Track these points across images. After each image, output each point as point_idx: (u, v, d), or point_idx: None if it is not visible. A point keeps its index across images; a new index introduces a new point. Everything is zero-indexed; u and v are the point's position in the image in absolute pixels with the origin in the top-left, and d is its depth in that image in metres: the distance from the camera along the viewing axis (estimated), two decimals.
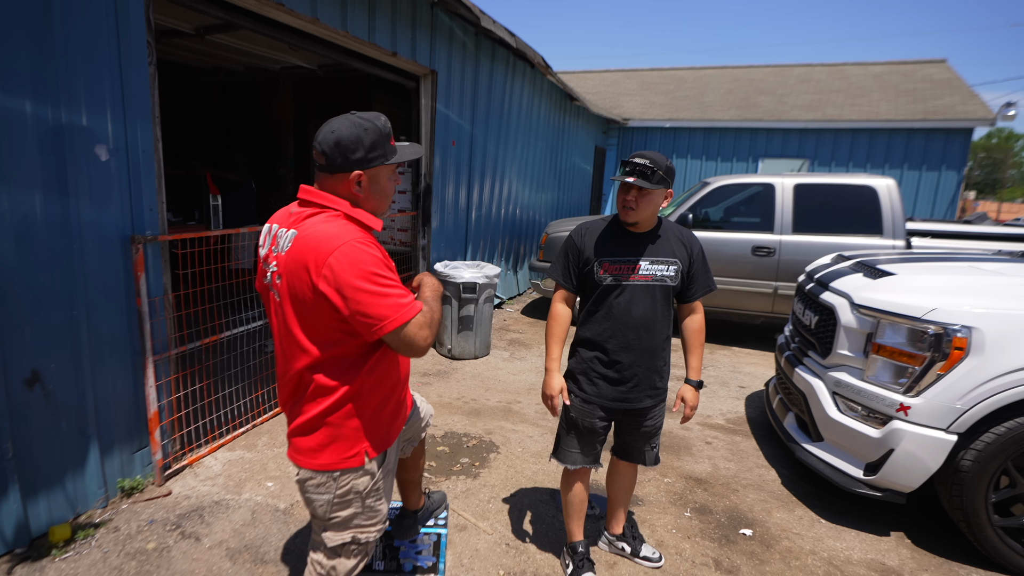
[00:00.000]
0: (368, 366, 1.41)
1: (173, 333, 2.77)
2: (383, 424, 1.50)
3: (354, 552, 1.54)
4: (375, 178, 1.40)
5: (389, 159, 1.40)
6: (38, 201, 2.12)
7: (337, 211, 1.36)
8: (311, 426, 1.42)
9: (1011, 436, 2.26)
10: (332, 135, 1.33)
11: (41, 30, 2.07)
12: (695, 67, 16.08)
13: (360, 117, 1.36)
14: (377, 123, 1.37)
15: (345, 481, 1.45)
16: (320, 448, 1.42)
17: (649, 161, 1.86)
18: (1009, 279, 2.64)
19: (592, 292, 2.03)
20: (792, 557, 2.42)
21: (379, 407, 1.48)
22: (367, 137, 1.34)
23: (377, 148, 1.36)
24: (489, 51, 5.93)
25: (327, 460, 1.43)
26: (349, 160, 1.34)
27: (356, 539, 1.52)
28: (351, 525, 1.51)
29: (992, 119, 9.75)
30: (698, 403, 2.14)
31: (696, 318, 2.10)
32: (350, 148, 1.33)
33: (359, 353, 1.39)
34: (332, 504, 1.46)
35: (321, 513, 1.48)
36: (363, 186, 1.38)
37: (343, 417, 1.41)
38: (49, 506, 2.30)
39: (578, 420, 2.09)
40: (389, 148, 1.40)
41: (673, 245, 2.01)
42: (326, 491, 1.45)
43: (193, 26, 4.92)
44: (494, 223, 6.81)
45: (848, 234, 5.18)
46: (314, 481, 1.45)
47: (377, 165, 1.38)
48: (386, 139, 1.39)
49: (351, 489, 1.46)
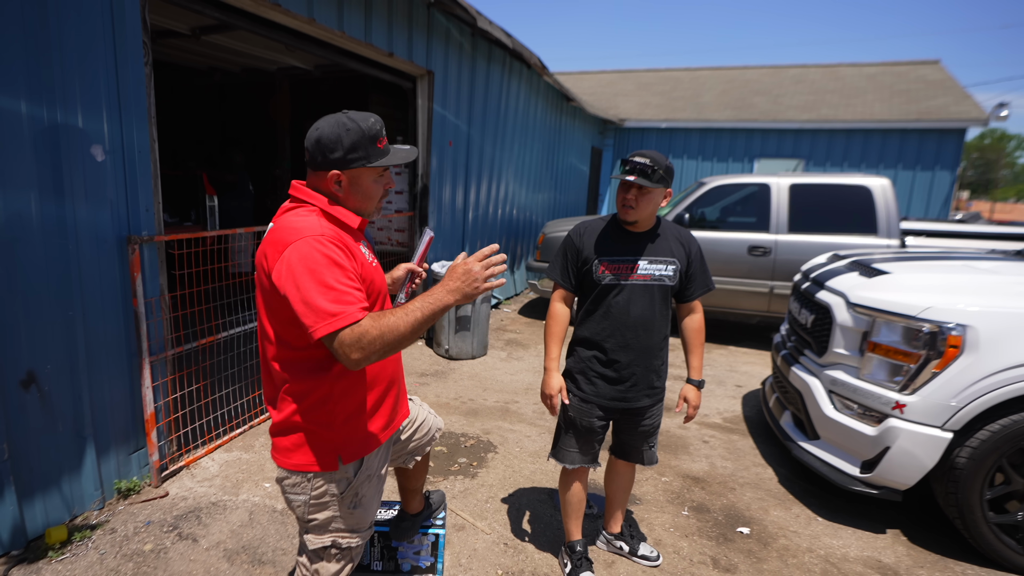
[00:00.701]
0: (336, 370, 1.37)
1: (170, 334, 2.77)
2: (361, 429, 1.46)
3: (336, 557, 1.52)
4: (356, 179, 1.37)
5: (372, 162, 1.36)
6: (33, 201, 2.11)
7: (314, 206, 1.36)
8: (285, 426, 1.41)
9: (1006, 433, 2.27)
10: (315, 132, 1.34)
11: (36, 30, 2.06)
12: (691, 68, 16.12)
13: (347, 117, 1.34)
14: (362, 124, 1.34)
15: (319, 483, 1.43)
16: (294, 448, 1.41)
17: (649, 160, 1.87)
18: (1003, 277, 2.66)
19: (591, 291, 2.04)
20: (789, 555, 2.43)
21: (354, 413, 1.44)
22: (348, 138, 1.32)
23: (358, 150, 1.33)
24: (486, 52, 5.94)
25: (300, 460, 1.41)
26: (328, 159, 1.33)
27: (336, 544, 1.49)
28: (330, 529, 1.48)
29: (985, 119, 9.81)
30: (700, 403, 2.14)
31: (695, 318, 2.11)
32: (328, 147, 1.32)
33: (324, 355, 1.35)
34: (308, 505, 1.45)
35: (300, 514, 1.47)
36: (343, 186, 1.37)
37: (315, 419, 1.39)
38: (45, 508, 2.29)
39: (576, 419, 2.09)
40: (373, 151, 1.36)
41: (671, 245, 2.01)
42: (302, 491, 1.44)
43: (189, 26, 4.91)
44: (491, 223, 6.81)
45: (843, 234, 5.21)
46: (289, 481, 1.44)
47: (357, 167, 1.35)
48: (370, 141, 1.35)
49: (326, 492, 1.44)
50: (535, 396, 4.16)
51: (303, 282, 1.21)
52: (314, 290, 1.20)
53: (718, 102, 12.72)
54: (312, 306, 1.20)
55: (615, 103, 13.41)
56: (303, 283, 1.21)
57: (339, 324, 1.19)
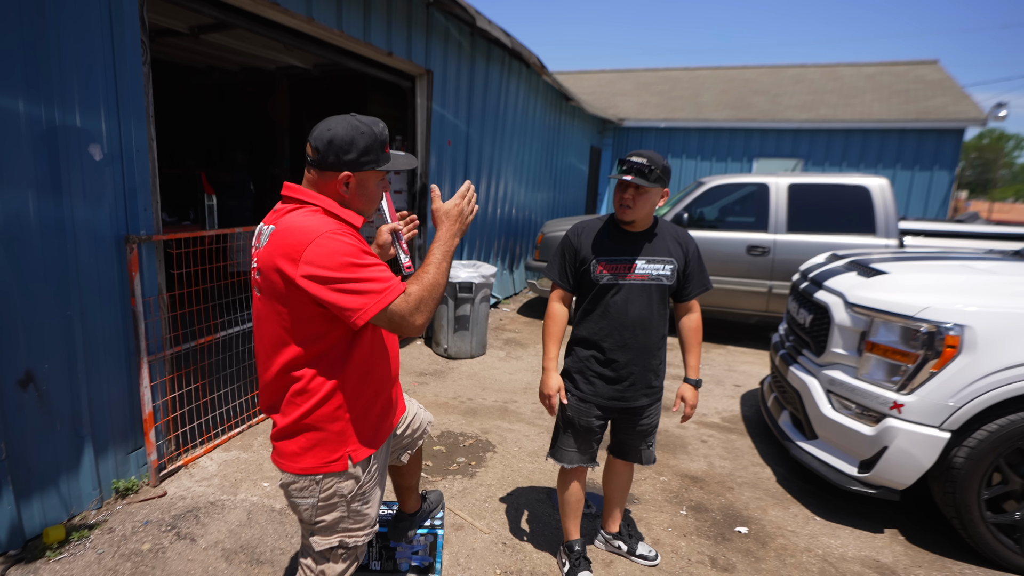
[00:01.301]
0: (351, 364, 1.39)
1: (168, 333, 2.76)
2: (369, 427, 1.48)
3: (342, 556, 1.53)
4: (363, 182, 1.40)
5: (381, 165, 1.40)
6: (31, 201, 2.11)
7: (317, 206, 1.36)
8: (293, 429, 1.40)
9: (1003, 433, 2.28)
10: (328, 132, 1.34)
11: (34, 29, 2.06)
12: (690, 67, 16.12)
13: (359, 120, 1.36)
14: (375, 128, 1.37)
15: (328, 485, 1.43)
16: (302, 452, 1.41)
17: (647, 160, 1.87)
18: (1001, 277, 2.67)
19: (589, 291, 2.04)
20: (787, 554, 2.44)
21: (365, 409, 1.46)
22: (362, 140, 1.34)
23: (370, 153, 1.36)
24: (485, 51, 5.93)
25: (309, 464, 1.41)
26: (341, 160, 1.34)
27: (344, 543, 1.50)
28: (338, 529, 1.49)
29: (983, 119, 9.82)
30: (698, 402, 2.15)
31: (693, 317, 2.12)
32: (343, 148, 1.33)
33: (341, 350, 1.37)
34: (316, 508, 1.45)
35: (306, 517, 1.47)
36: (350, 187, 1.38)
37: (325, 420, 1.39)
38: (43, 507, 2.28)
39: (575, 419, 2.10)
40: (382, 155, 1.40)
41: (669, 244, 2.01)
42: (310, 495, 1.44)
43: (188, 25, 4.90)
44: (490, 223, 6.81)
45: (842, 233, 5.21)
46: (297, 485, 1.43)
47: (368, 169, 1.38)
48: (380, 146, 1.38)
49: (335, 493, 1.44)
50: (534, 395, 4.16)
51: (337, 272, 1.25)
52: (353, 275, 1.26)
53: (717, 102, 12.72)
54: (355, 290, 1.26)
55: (614, 103, 13.41)
56: (338, 273, 1.25)
57: (389, 298, 1.28)
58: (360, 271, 1.27)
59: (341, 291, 1.25)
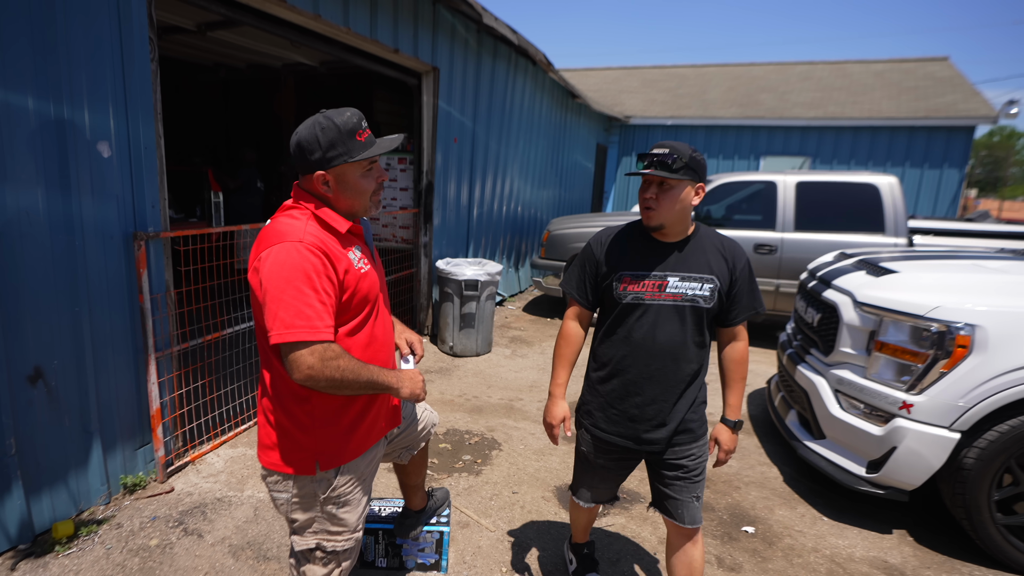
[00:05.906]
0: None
1: (175, 330, 2.77)
2: (338, 435, 1.42)
3: (321, 560, 1.50)
4: (341, 177, 1.37)
5: (353, 156, 1.34)
6: (40, 197, 2.12)
7: (305, 208, 1.37)
8: (265, 421, 1.43)
9: (1014, 434, 2.25)
10: (295, 137, 1.36)
11: (44, 26, 2.07)
12: (697, 64, 16.04)
13: (323, 116, 1.34)
14: (337, 120, 1.32)
15: (301, 484, 1.43)
16: (273, 446, 1.42)
17: (669, 149, 1.57)
18: (1012, 277, 2.64)
19: (611, 310, 1.74)
20: (794, 555, 2.43)
21: (333, 417, 1.41)
22: (324, 137, 1.32)
23: (336, 147, 1.32)
24: (491, 48, 5.92)
25: (277, 459, 1.41)
26: (309, 161, 1.34)
27: (321, 547, 1.48)
28: (315, 531, 1.47)
29: (994, 117, 9.72)
30: (735, 447, 1.81)
31: (738, 346, 1.78)
32: (308, 150, 1.33)
33: None
34: (291, 503, 1.44)
35: (283, 512, 1.47)
36: (331, 185, 1.37)
37: (292, 423, 1.39)
38: (52, 503, 2.30)
39: (589, 456, 1.85)
40: (354, 145, 1.34)
41: (710, 258, 1.66)
42: (283, 489, 1.44)
43: (195, 22, 4.91)
44: (496, 220, 6.80)
45: (850, 232, 5.17)
46: (272, 478, 1.45)
47: (339, 164, 1.34)
48: (348, 136, 1.33)
49: (307, 492, 1.43)
50: (539, 393, 4.16)
51: (273, 286, 1.24)
52: (280, 297, 1.23)
53: (724, 99, 12.65)
54: (274, 312, 1.23)
55: (620, 100, 13.35)
56: (273, 287, 1.24)
57: (292, 337, 1.22)
58: (297, 293, 1.23)
59: (270, 303, 1.24)
